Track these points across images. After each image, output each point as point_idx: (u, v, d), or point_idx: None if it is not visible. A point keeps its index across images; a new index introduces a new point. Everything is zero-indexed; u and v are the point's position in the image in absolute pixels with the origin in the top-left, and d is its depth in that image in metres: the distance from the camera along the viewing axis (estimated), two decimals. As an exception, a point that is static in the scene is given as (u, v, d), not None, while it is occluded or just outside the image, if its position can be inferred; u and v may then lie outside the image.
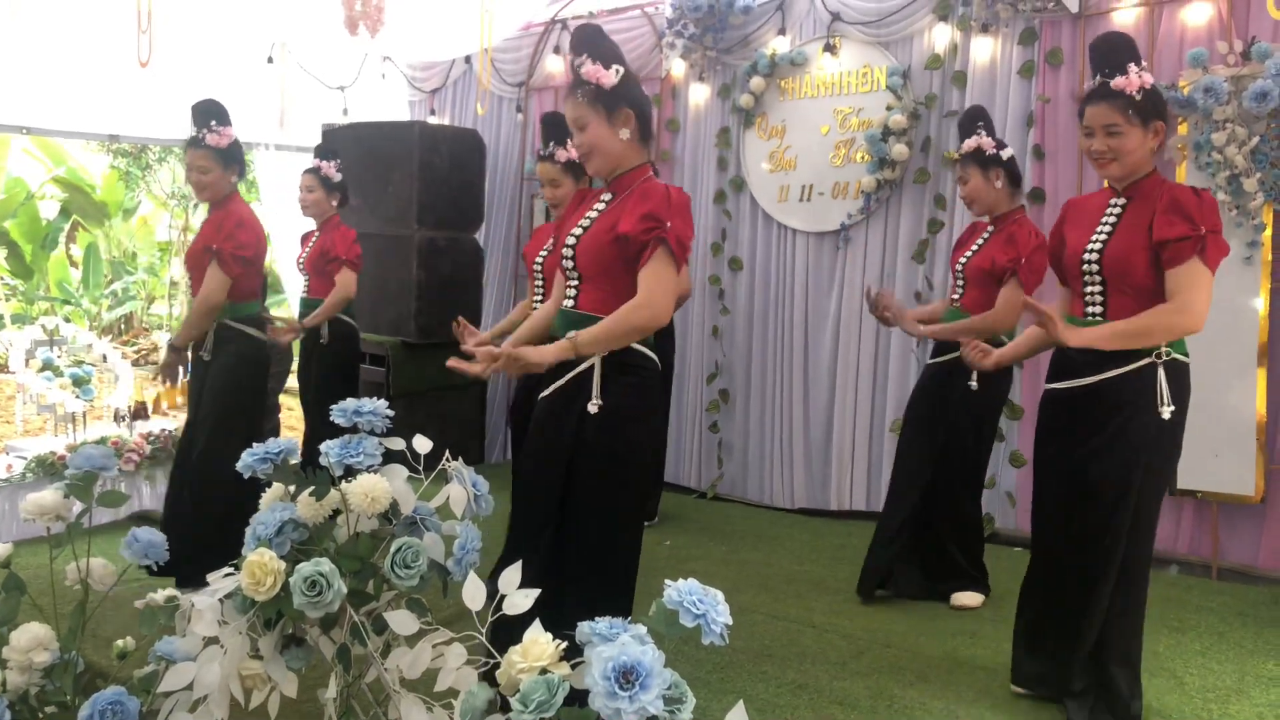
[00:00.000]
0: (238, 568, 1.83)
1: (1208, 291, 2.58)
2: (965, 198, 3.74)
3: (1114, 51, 2.69)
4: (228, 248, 3.70)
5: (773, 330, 5.46)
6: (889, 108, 4.97)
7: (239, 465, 1.98)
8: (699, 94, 5.73)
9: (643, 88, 2.60)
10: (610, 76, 2.46)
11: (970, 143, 3.72)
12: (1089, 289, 2.71)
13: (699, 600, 1.48)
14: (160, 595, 1.88)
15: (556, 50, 6.28)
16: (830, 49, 5.19)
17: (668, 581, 1.51)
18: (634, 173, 2.51)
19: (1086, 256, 2.70)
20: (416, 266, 5.77)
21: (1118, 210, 2.72)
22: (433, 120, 6.85)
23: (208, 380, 3.77)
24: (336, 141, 6.06)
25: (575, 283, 2.48)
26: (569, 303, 2.49)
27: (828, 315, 5.24)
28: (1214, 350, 4.11)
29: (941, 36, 4.88)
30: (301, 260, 4.71)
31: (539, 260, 4.00)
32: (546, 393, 2.46)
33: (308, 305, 4.65)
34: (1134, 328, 2.58)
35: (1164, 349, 2.62)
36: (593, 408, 2.35)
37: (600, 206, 2.52)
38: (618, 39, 5.97)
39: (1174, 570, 4.25)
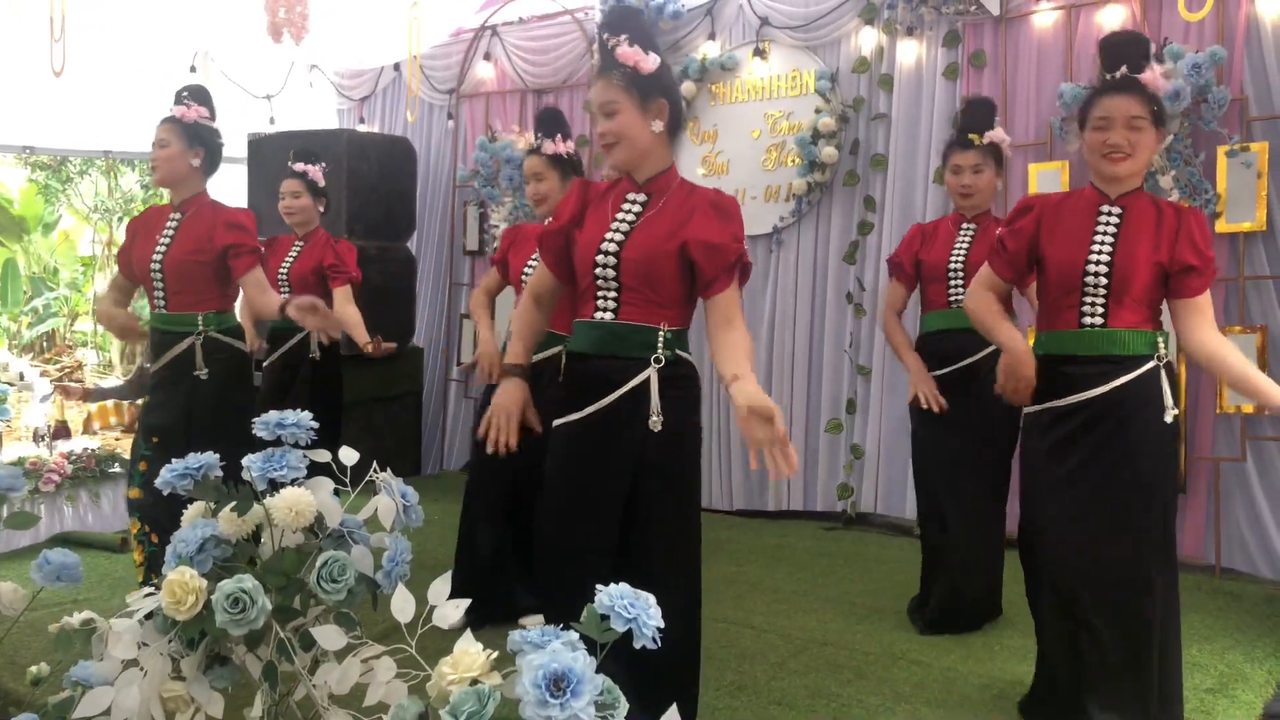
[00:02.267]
0: (157, 587, 1.78)
1: None
2: (968, 188, 3.48)
3: (1135, 45, 2.62)
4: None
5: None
6: (818, 111, 5.03)
7: (158, 482, 1.93)
8: (630, 99, 5.73)
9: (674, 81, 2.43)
10: (649, 62, 2.30)
11: (997, 134, 3.55)
12: (1090, 300, 2.59)
13: (630, 604, 1.48)
14: (76, 619, 1.82)
15: (487, 57, 6.25)
16: (760, 53, 5.24)
17: (599, 587, 1.50)
18: (669, 174, 2.37)
19: (1093, 269, 2.57)
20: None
21: (1115, 221, 2.60)
22: (362, 128, 6.77)
23: (198, 397, 3.33)
24: (263, 150, 5.96)
25: (614, 293, 2.29)
26: (606, 315, 2.29)
27: (762, 317, 5.27)
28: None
29: (868, 40, 4.95)
30: (285, 271, 4.32)
31: (528, 269, 3.65)
32: (588, 412, 2.27)
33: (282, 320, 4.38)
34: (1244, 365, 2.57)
35: (1162, 351, 2.58)
36: (655, 425, 2.21)
37: (636, 209, 2.34)
38: (548, 44, 6.00)
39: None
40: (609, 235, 2.30)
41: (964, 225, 3.56)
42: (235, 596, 1.70)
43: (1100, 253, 2.57)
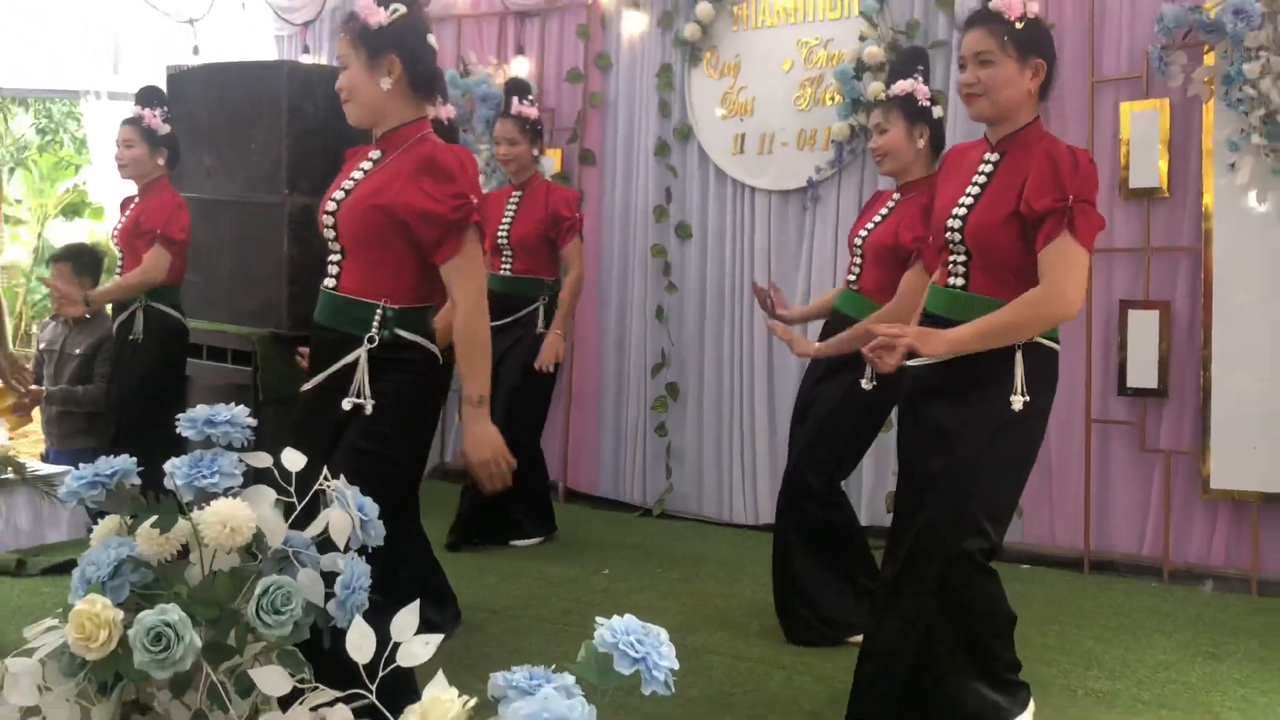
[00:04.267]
0: (62, 619, 1.78)
1: (1081, 272, 2.67)
2: (878, 150, 3.73)
3: None
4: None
5: (730, 310, 5.48)
6: (863, 38, 5.01)
7: (61, 493, 1.93)
8: (635, 24, 5.72)
9: (426, 36, 2.72)
10: (380, 14, 2.62)
11: (905, 85, 3.68)
12: (953, 257, 2.81)
13: (638, 641, 1.47)
14: (-36, 658, 1.82)
15: (458, -29, 6.22)
16: (791, -33, 5.21)
17: (600, 620, 1.50)
18: (406, 129, 2.67)
19: (950, 223, 2.77)
20: (288, 241, 5.66)
21: (989, 169, 2.79)
22: (306, 59, 6.75)
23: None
24: (184, 86, 5.94)
25: (338, 256, 2.70)
26: (330, 282, 2.70)
27: (795, 290, 5.27)
28: (1251, 323, 4.22)
29: (925, -50, 4.93)
30: (115, 232, 4.65)
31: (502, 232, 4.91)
32: (307, 387, 2.70)
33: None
34: (1001, 324, 2.67)
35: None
36: (348, 405, 2.60)
37: (366, 166, 2.70)
38: (532, -43, 5.97)
39: (1208, 586, 4.35)
40: (335, 193, 2.69)
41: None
42: (157, 631, 1.70)
43: (962, 205, 2.77)
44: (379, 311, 2.57)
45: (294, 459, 1.96)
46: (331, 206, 2.65)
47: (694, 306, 5.59)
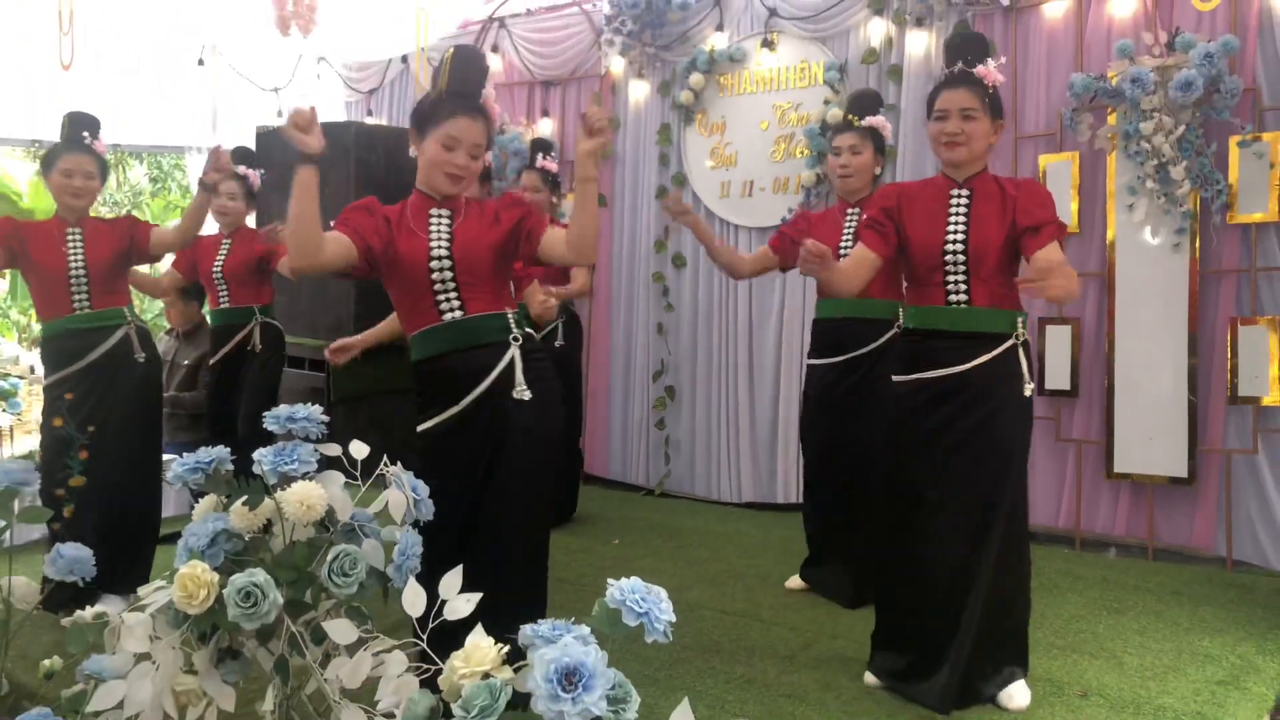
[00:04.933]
0: (169, 580, 1.78)
1: None
2: (847, 170, 3.68)
3: (975, 44, 2.87)
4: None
5: (717, 325, 5.47)
6: (826, 102, 5.01)
7: (169, 476, 1.93)
8: (639, 91, 5.72)
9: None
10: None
11: (878, 120, 3.75)
12: (952, 278, 2.78)
13: (641, 598, 1.47)
14: (88, 612, 1.82)
15: (494, 49, 6.23)
16: (768, 44, 5.21)
17: (610, 581, 1.49)
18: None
19: (950, 248, 2.76)
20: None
21: (965, 203, 2.80)
22: (369, 121, 6.76)
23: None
24: (270, 144, 5.95)
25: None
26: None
27: (771, 309, 5.26)
28: (1147, 335, 4.21)
29: (877, 31, 4.92)
30: (219, 269, 4.49)
31: None
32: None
33: (230, 315, 4.48)
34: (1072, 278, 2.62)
35: (1021, 331, 2.76)
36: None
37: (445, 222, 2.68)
38: (555, 36, 5.99)
39: (1112, 553, 4.34)
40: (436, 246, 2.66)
41: (849, 211, 3.72)
42: (247, 590, 1.70)
43: (955, 232, 2.77)
44: (511, 317, 2.61)
45: (360, 449, 1.96)
46: (443, 253, 2.59)
47: (688, 323, 5.58)
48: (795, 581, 3.88)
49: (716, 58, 5.36)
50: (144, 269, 4.46)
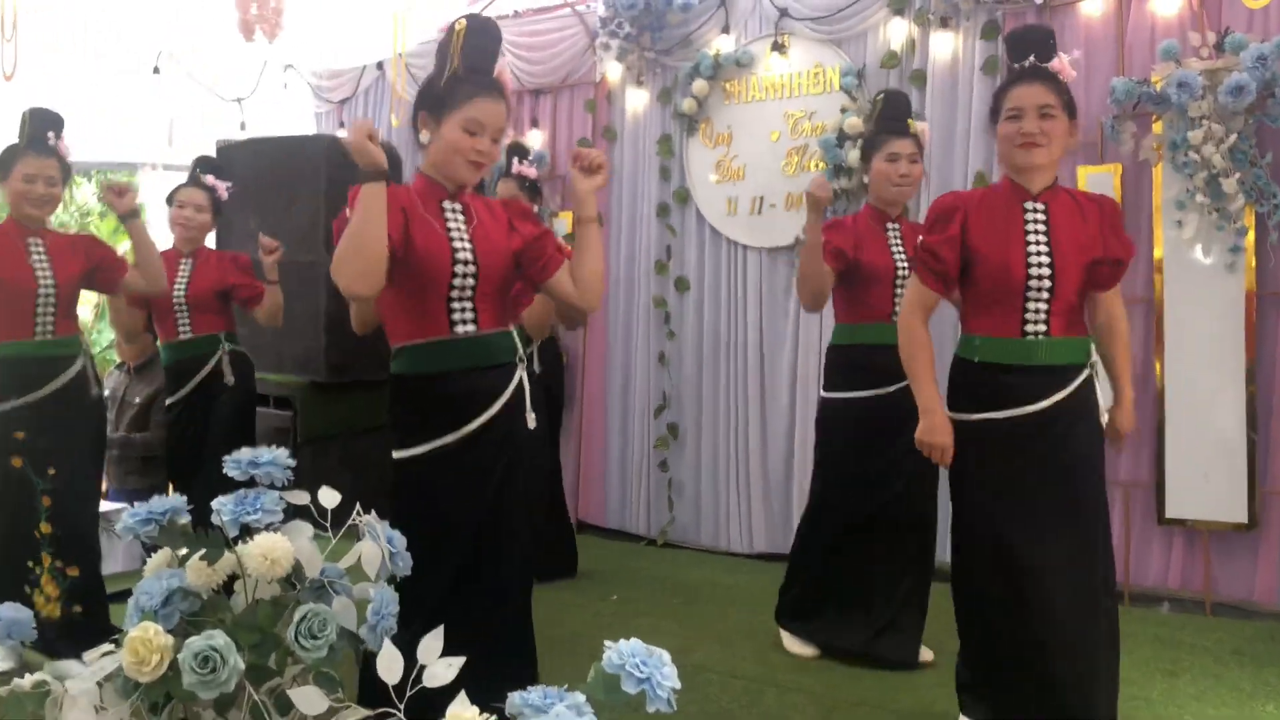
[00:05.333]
0: (118, 644, 1.77)
1: None
2: (907, 179, 3.65)
3: (1043, 36, 2.85)
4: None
5: (725, 356, 5.48)
6: (844, 110, 5.05)
7: (119, 528, 1.93)
8: (637, 99, 5.77)
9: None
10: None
11: (923, 125, 3.80)
12: (1033, 306, 2.74)
13: (642, 662, 1.47)
14: (27, 680, 1.81)
15: (478, 54, 6.28)
16: (778, 48, 5.26)
17: (608, 643, 1.49)
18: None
19: (1037, 272, 2.72)
20: (325, 297, 5.70)
21: (1042, 219, 2.77)
22: (342, 133, 6.81)
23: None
24: (233, 158, 5.99)
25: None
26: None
27: (784, 338, 5.28)
28: (1199, 365, 4.21)
29: (898, 32, 4.98)
30: (180, 294, 4.32)
31: None
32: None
33: (193, 346, 4.35)
34: (1127, 360, 2.87)
35: (1094, 357, 2.78)
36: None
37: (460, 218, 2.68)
38: (546, 40, 6.04)
39: (1165, 608, 4.32)
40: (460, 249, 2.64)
41: (889, 225, 3.72)
42: (204, 655, 1.69)
43: (1038, 255, 2.73)
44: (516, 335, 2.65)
45: (330, 496, 1.96)
46: (467, 257, 2.56)
47: (692, 353, 5.60)
48: (800, 647, 3.83)
49: (722, 62, 5.41)
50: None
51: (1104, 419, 2.80)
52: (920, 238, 2.89)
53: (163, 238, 4.47)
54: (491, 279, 2.58)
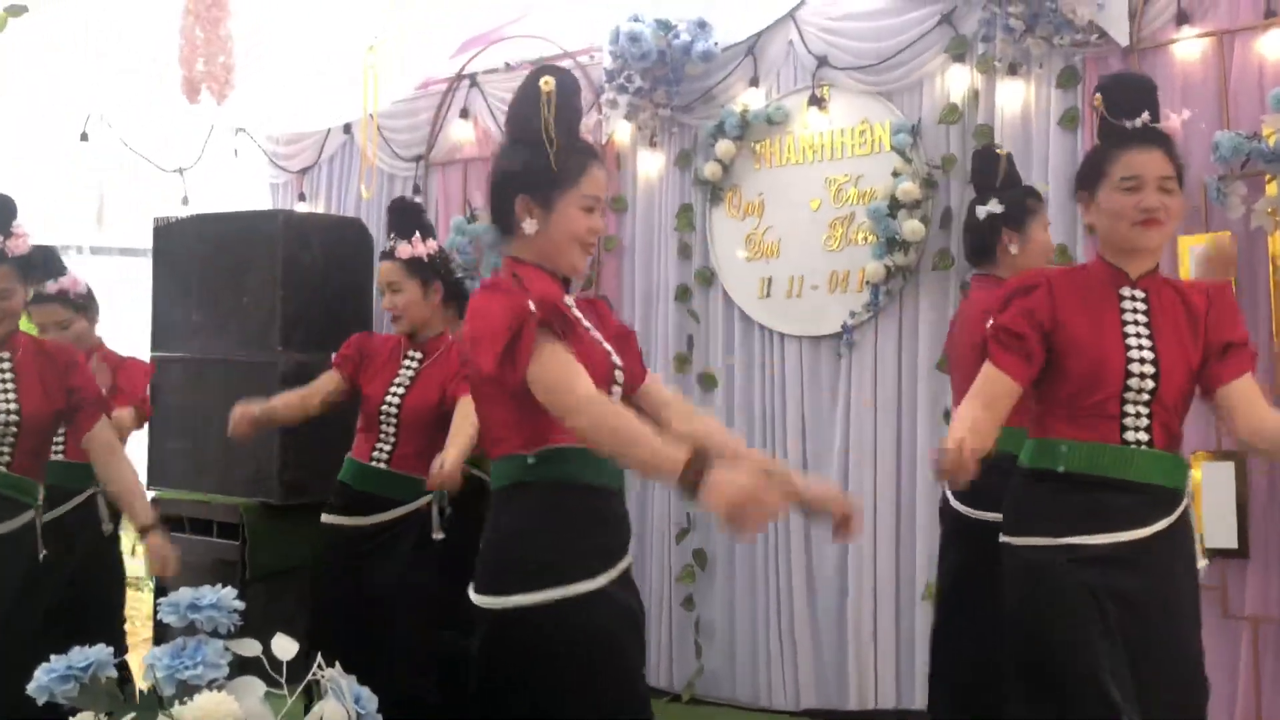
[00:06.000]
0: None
1: None
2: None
3: (1148, 90, 2.84)
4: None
5: (761, 468, 5.45)
6: (896, 173, 5.09)
7: (35, 687, 1.91)
8: (651, 164, 5.85)
9: None
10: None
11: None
12: (1133, 409, 2.72)
13: None
14: None
15: (465, 114, 6.41)
16: (817, 102, 5.34)
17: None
18: None
19: (1140, 370, 2.70)
20: (281, 402, 5.72)
21: (1142, 307, 2.77)
22: (302, 207, 6.90)
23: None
24: (172, 238, 6.09)
25: None
26: None
27: (832, 445, 5.26)
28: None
29: (958, 81, 5.05)
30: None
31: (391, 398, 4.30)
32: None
33: (67, 472, 4.31)
34: None
35: (1190, 487, 2.78)
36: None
37: None
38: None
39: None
40: None
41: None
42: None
43: (1141, 349, 2.71)
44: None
45: (285, 646, 1.95)
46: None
47: (722, 465, 5.55)
48: None
49: (751, 120, 5.49)
50: None
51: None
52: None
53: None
54: None
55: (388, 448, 4.21)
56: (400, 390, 4.23)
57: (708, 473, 2.10)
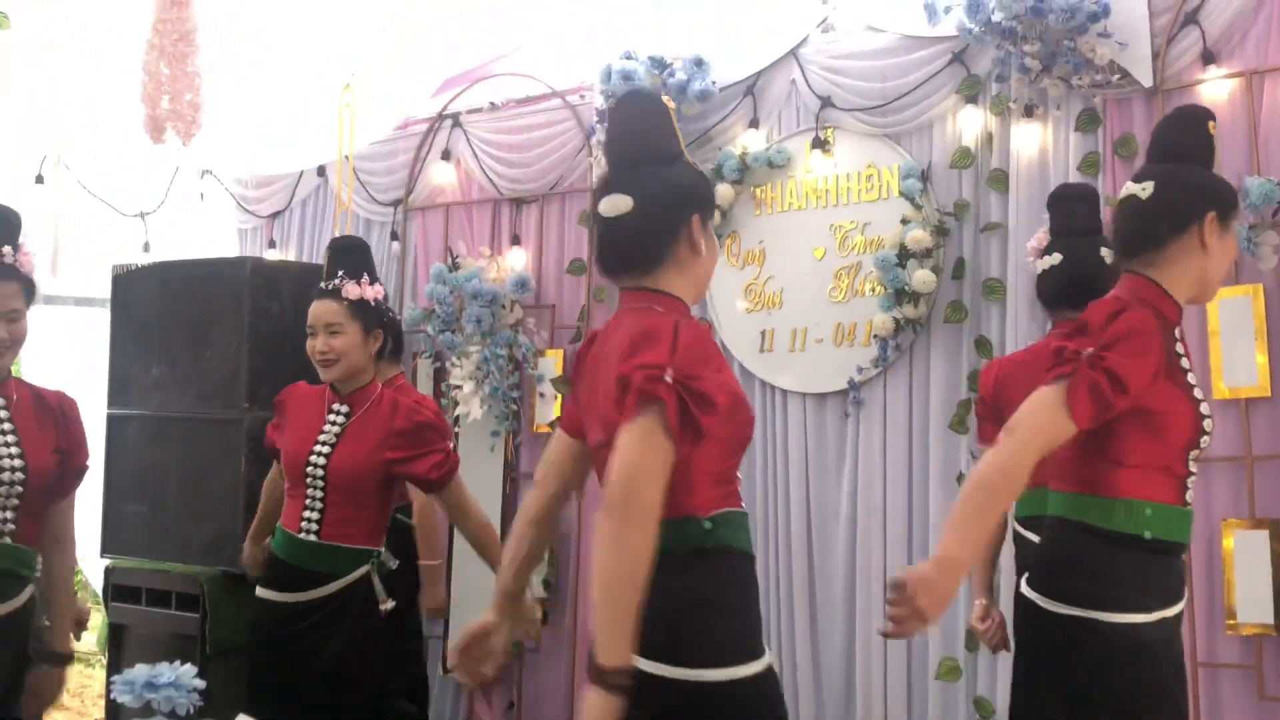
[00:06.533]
0: None
1: None
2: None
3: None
4: None
5: (761, 532, 5.41)
6: (905, 220, 5.09)
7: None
8: (643, 209, 5.84)
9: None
10: None
11: None
12: (1193, 468, 2.73)
13: None
14: None
15: (446, 155, 6.41)
16: (821, 144, 5.36)
17: None
18: None
19: (1208, 425, 2.72)
20: (246, 463, 5.68)
21: (1181, 349, 2.80)
22: (272, 255, 6.89)
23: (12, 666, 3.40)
24: (132, 288, 6.06)
25: None
26: None
27: (839, 509, 5.22)
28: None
29: (971, 123, 5.06)
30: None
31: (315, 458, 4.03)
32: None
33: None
34: None
35: None
36: None
37: None
38: (530, 139, 6.16)
39: None
40: None
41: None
42: None
43: (1202, 400, 2.72)
44: None
45: (249, 728, 1.91)
46: None
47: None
48: None
49: (750, 163, 5.51)
50: None
51: None
52: (1090, 349, 2.51)
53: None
54: None
55: (315, 515, 3.90)
56: (325, 450, 3.96)
57: (610, 689, 2.17)
